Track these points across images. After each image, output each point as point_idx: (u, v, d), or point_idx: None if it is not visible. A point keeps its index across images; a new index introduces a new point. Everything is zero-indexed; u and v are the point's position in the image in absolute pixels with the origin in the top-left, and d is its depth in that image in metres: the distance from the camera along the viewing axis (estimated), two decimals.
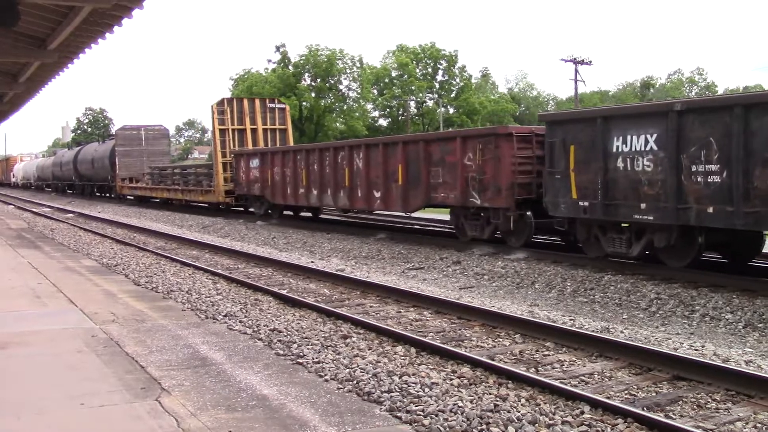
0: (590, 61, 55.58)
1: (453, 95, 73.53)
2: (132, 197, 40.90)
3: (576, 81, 55.39)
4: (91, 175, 46.88)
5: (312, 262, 14.85)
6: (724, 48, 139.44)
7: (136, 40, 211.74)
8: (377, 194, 18.42)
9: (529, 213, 14.56)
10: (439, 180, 16.15)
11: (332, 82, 68.54)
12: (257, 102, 29.23)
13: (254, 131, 28.47)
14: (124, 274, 12.78)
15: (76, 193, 51.99)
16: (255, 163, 24.58)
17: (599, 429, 5.06)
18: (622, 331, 8.36)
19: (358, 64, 70.79)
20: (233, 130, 28.07)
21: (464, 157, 15.32)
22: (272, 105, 29.35)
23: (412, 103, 72.07)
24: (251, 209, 26.30)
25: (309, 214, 24.92)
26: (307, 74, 68.21)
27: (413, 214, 20.53)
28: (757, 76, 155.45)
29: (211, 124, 28.64)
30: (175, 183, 33.31)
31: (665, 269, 11.77)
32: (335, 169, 20.14)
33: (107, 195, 46.30)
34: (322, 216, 25.51)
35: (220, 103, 28.28)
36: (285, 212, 24.75)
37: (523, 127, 16.66)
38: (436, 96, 73.29)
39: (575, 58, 54.97)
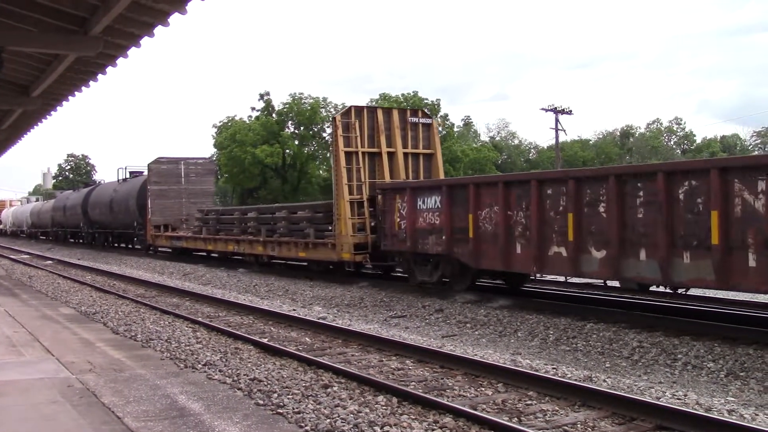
0: (570, 111, 56.43)
1: None
2: (168, 250, 31.59)
3: (557, 130, 56.16)
4: (107, 222, 38.34)
5: (294, 309, 14.74)
6: (698, 98, 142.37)
7: (119, 86, 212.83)
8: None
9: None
10: None
11: (315, 129, 68.98)
12: (395, 115, 19.75)
13: (392, 156, 19.30)
14: (102, 322, 12.61)
15: (84, 243, 43.93)
16: (432, 201, 15.81)
17: None
18: (605, 380, 8.33)
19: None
20: (363, 154, 18.99)
21: None
22: (414, 119, 19.94)
23: None
24: (410, 274, 16.92)
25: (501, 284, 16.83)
26: (290, 122, 68.64)
27: None
28: (732, 127, 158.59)
29: (332, 143, 19.50)
30: (248, 231, 23.88)
31: (646, 318, 11.81)
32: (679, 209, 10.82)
33: (130, 246, 38.17)
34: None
35: (346, 113, 19.21)
36: (480, 281, 16.41)
37: None
38: None
39: (556, 108, 55.82)
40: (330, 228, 19.05)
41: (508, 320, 12.73)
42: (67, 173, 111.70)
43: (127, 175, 37.15)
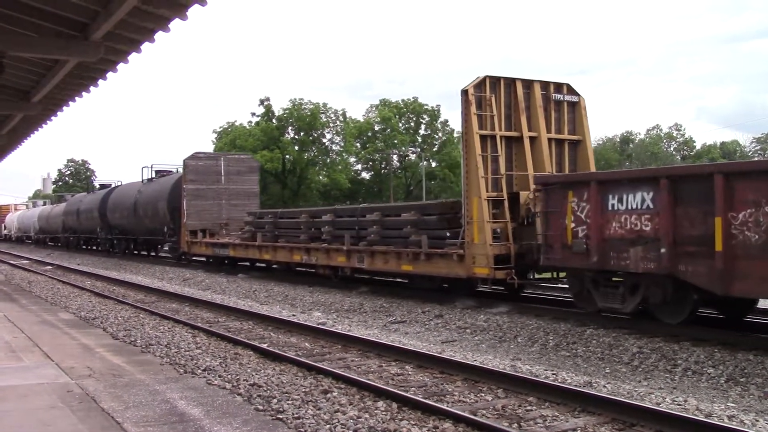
0: None
1: (435, 149, 74.21)
2: (202, 259, 27.73)
3: None
4: (129, 226, 34.38)
5: (293, 315, 14.73)
6: (697, 105, 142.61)
7: (120, 91, 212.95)
8: None
9: None
10: None
11: (315, 135, 69.05)
12: (536, 89, 15.52)
13: (533, 143, 15.43)
14: (102, 327, 12.60)
15: (101, 250, 40.08)
16: (637, 200, 11.55)
17: None
18: (604, 386, 8.32)
19: (341, 118, 71.52)
20: (501, 138, 15.05)
21: None
22: (559, 96, 15.84)
23: (395, 157, 72.61)
24: (584, 298, 12.90)
25: None
26: (290, 127, 68.71)
27: None
28: (731, 133, 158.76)
29: (463, 123, 14.86)
30: (323, 238, 19.52)
31: (648, 323, 11.79)
32: None
33: (157, 254, 34.70)
34: (301, 269, 22.53)
35: (480, 85, 14.95)
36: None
37: None
38: (419, 150, 73.94)
39: None
40: (448, 234, 15.15)
41: (508, 326, 12.72)
42: (67, 178, 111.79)
43: (152, 175, 33.77)
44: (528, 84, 15.51)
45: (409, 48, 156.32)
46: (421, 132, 75.51)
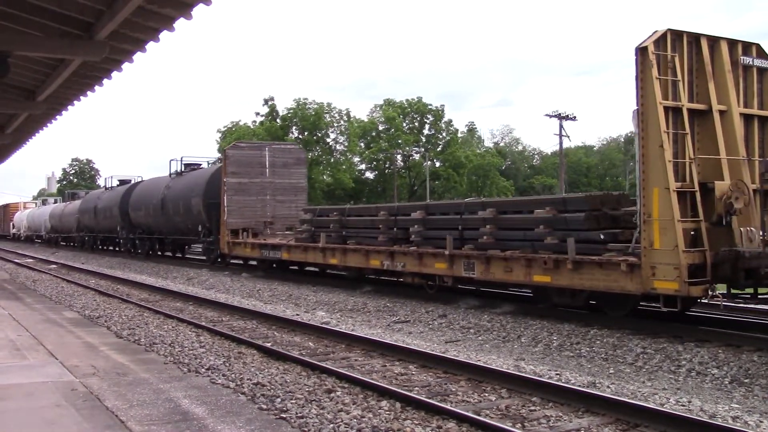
0: (575, 117, 56.53)
1: (439, 149, 74.21)
2: (245, 261, 25.22)
3: (561, 136, 56.16)
4: (156, 225, 31.51)
5: (297, 314, 14.74)
6: None
7: (124, 90, 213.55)
8: None
9: None
10: None
11: (319, 135, 69.11)
12: (723, 49, 12.18)
13: (724, 116, 12.00)
14: (106, 326, 12.62)
15: (121, 251, 37.06)
16: None
17: None
18: (608, 386, 8.31)
19: (345, 118, 71.55)
20: (689, 112, 11.75)
21: None
22: (747, 59, 12.40)
23: (399, 157, 72.64)
24: None
25: None
26: (294, 127, 68.76)
27: None
28: None
29: (636, 90, 11.56)
30: (411, 239, 16.48)
31: (650, 324, 11.78)
32: None
33: (183, 255, 32.39)
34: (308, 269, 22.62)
35: (660, 41, 11.64)
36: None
37: None
38: (423, 150, 73.96)
39: (560, 114, 55.86)
40: (602, 237, 12.20)
41: (512, 326, 12.71)
42: (71, 177, 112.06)
43: (181, 168, 31.04)
44: (713, 42, 12.20)
45: (413, 48, 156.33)
46: (425, 132, 75.53)
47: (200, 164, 31.44)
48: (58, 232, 49.48)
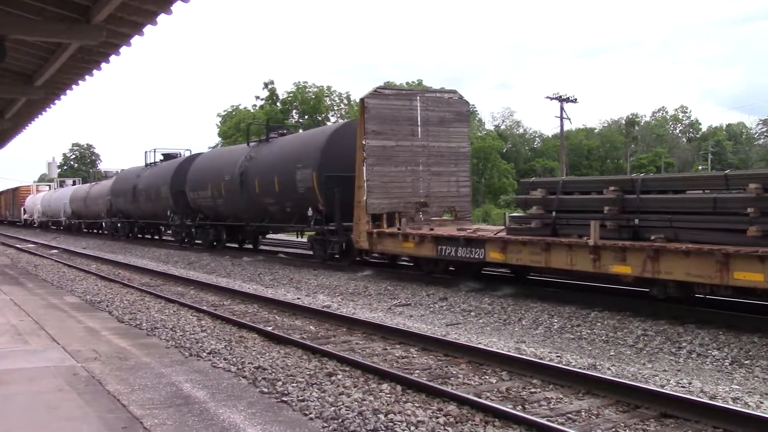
0: (575, 99, 56.27)
1: None
2: (393, 260, 18.61)
3: (562, 118, 55.97)
4: (229, 209, 24.74)
5: (298, 298, 14.76)
6: (703, 87, 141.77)
7: (123, 75, 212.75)
8: None
9: None
10: None
11: (320, 118, 68.94)
12: None
13: None
14: (107, 311, 12.65)
15: (171, 241, 31.93)
16: None
17: None
18: (609, 368, 8.33)
19: (345, 101, 71.36)
20: None
21: None
22: None
23: None
24: None
25: None
26: (294, 111, 68.60)
27: None
28: (737, 115, 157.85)
29: None
30: None
31: (651, 306, 11.77)
32: None
33: (256, 247, 26.19)
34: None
35: None
36: None
37: None
38: None
39: (560, 96, 55.62)
40: None
41: (513, 308, 12.72)
42: (72, 162, 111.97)
43: (263, 135, 25.18)
44: None
45: (413, 31, 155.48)
46: None
47: (284, 131, 24.90)
48: (81, 218, 43.84)
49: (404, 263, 18.68)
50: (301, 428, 5.80)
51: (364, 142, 16.92)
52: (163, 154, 33.76)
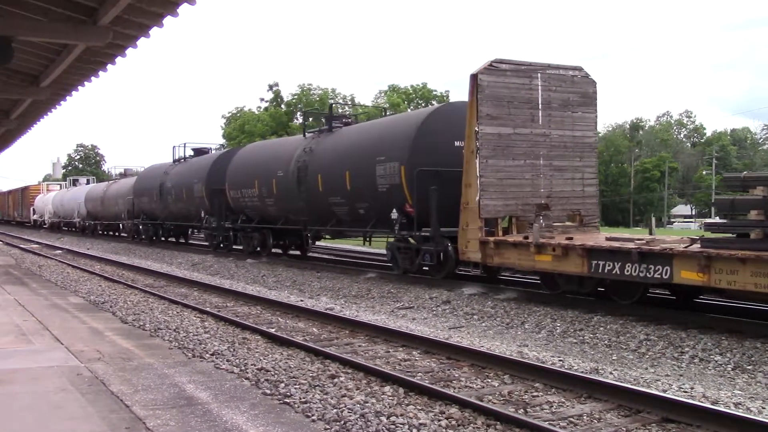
0: None
1: None
2: (516, 271, 15.87)
3: None
4: (279, 210, 21.72)
5: (301, 300, 14.78)
6: (708, 91, 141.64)
7: (129, 76, 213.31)
8: None
9: None
10: None
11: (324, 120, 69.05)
12: None
13: None
14: (111, 311, 12.68)
15: (206, 246, 28.47)
16: None
17: None
18: (611, 372, 8.33)
19: (350, 104, 71.42)
20: None
21: None
22: None
23: None
24: None
25: None
26: (299, 112, 68.68)
27: None
28: (742, 120, 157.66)
29: None
30: None
31: (654, 310, 11.77)
32: None
33: (304, 254, 23.34)
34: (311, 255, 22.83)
35: None
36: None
37: None
38: None
39: None
40: None
41: (515, 312, 12.72)
42: (76, 163, 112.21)
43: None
44: None
45: (418, 34, 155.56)
46: None
47: (350, 119, 21.65)
48: (98, 219, 40.74)
49: (515, 278, 15.67)
50: (303, 430, 5.82)
51: (477, 129, 13.82)
52: (193, 149, 30.84)
